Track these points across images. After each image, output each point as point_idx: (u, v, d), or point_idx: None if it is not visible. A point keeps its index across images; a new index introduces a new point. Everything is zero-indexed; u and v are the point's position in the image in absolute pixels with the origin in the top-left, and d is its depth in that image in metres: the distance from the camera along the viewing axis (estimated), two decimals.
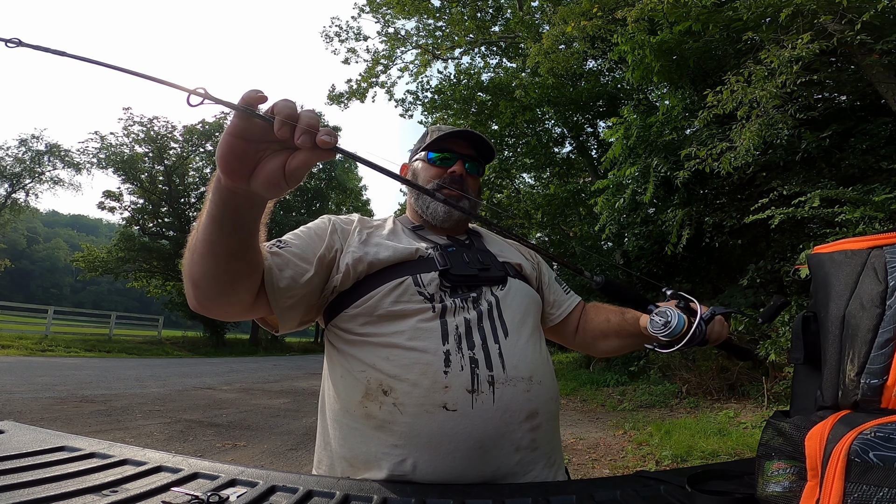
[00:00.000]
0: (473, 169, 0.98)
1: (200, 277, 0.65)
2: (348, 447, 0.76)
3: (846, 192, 3.87)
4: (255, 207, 0.60)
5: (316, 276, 0.80)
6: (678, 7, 4.91)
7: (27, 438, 0.67)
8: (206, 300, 0.68)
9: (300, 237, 0.84)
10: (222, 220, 0.59)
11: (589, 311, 1.04)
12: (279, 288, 0.74)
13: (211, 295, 0.67)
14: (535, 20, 10.26)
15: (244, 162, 0.52)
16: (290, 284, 0.76)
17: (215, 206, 0.58)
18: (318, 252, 0.82)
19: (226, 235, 0.61)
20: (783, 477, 0.48)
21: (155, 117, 19.11)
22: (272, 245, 0.79)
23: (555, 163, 12.08)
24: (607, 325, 0.96)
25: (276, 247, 0.79)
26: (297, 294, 0.77)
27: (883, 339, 0.47)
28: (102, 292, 68.32)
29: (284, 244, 0.80)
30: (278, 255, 0.77)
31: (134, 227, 19.69)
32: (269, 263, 0.74)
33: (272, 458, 3.53)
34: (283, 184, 0.53)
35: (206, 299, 0.68)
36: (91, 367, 8.92)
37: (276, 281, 0.74)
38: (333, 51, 13.62)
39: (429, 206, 0.96)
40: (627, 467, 3.55)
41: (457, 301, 0.80)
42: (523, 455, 0.73)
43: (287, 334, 0.99)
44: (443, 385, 0.72)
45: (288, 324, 0.80)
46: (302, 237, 0.84)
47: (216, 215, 0.59)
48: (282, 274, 0.75)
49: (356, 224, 0.92)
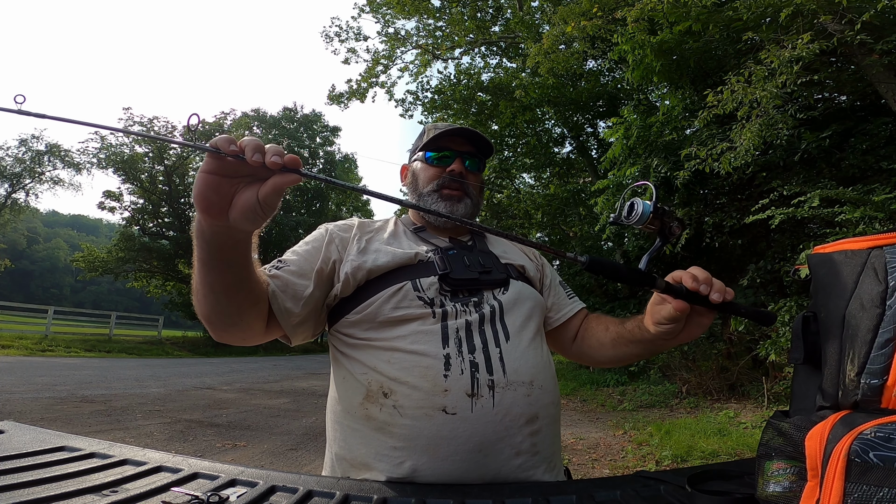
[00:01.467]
0: (473, 166, 0.98)
1: (209, 315, 0.69)
2: (349, 448, 0.76)
3: (846, 192, 3.87)
4: (239, 244, 0.63)
5: (316, 290, 0.82)
6: (678, 7, 4.91)
7: (27, 438, 0.67)
8: (222, 333, 0.73)
9: (298, 254, 0.86)
10: (210, 261, 0.62)
11: (591, 321, 0.99)
12: (284, 310, 0.78)
13: (223, 328, 0.72)
14: (535, 20, 10.27)
15: (220, 195, 0.56)
16: (294, 305, 0.78)
17: (201, 249, 0.61)
18: (316, 266, 0.83)
19: (219, 275, 0.64)
20: (783, 477, 0.48)
21: (155, 117, 19.14)
22: (271, 268, 0.81)
23: (555, 163, 12.08)
24: (605, 333, 0.92)
25: (275, 269, 0.81)
26: (303, 312, 0.80)
27: (883, 339, 0.47)
28: (102, 292, 68.34)
29: (283, 264, 0.83)
30: (278, 277, 0.79)
31: (134, 227, 19.71)
32: (272, 287, 0.77)
33: (272, 458, 3.53)
34: (259, 211, 0.56)
35: (222, 332, 0.73)
36: (91, 367, 8.92)
37: (281, 304, 0.77)
38: (333, 51, 13.66)
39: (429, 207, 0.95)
40: (627, 467, 3.55)
41: (457, 305, 0.80)
42: (524, 459, 0.73)
43: None
44: (442, 388, 0.72)
45: (300, 337, 0.83)
46: (300, 254, 0.86)
47: (204, 258, 0.62)
48: (284, 296, 0.78)
49: (355, 231, 0.92)
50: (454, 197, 0.94)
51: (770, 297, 5.53)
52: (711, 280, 0.67)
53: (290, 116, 25.11)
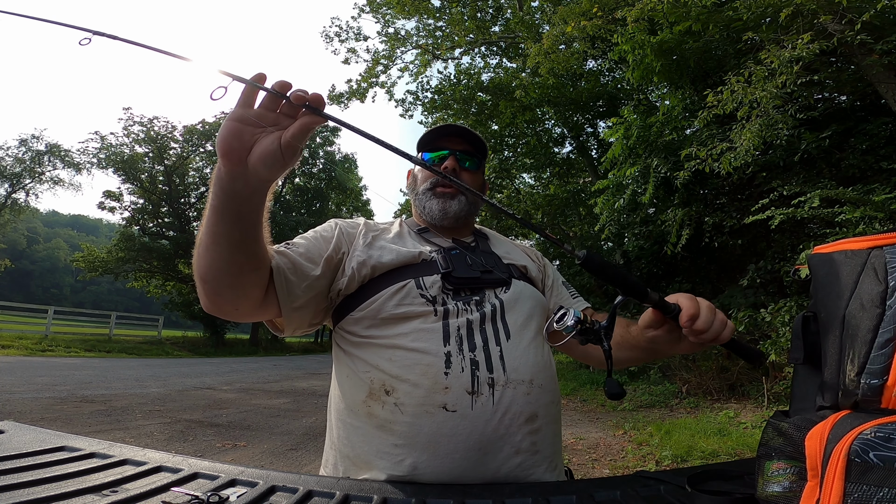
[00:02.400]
0: (470, 164, 0.98)
1: (207, 270, 0.67)
2: (351, 445, 0.77)
3: (846, 192, 3.87)
4: (255, 193, 0.62)
5: (323, 277, 0.81)
6: (678, 7, 4.91)
7: (27, 438, 0.67)
8: (215, 295, 0.69)
9: (307, 239, 0.86)
10: (223, 209, 0.62)
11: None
12: (287, 289, 0.76)
13: (219, 289, 0.69)
14: (535, 20, 10.27)
15: (241, 141, 0.57)
16: (297, 284, 0.77)
17: (216, 196, 0.61)
18: (325, 253, 0.83)
19: (228, 225, 0.63)
20: (783, 477, 0.48)
21: (155, 117, 19.18)
22: (280, 246, 0.80)
23: (555, 163, 12.07)
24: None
25: (284, 247, 0.80)
26: (306, 295, 0.79)
27: (883, 339, 0.47)
28: (102, 292, 68.35)
29: (292, 245, 0.82)
30: (285, 255, 0.78)
31: (134, 227, 19.68)
32: (277, 262, 0.75)
33: (272, 458, 3.54)
34: (280, 156, 0.57)
35: (215, 294, 0.69)
36: (91, 367, 8.92)
37: (285, 281, 0.76)
38: (333, 51, 13.63)
39: (424, 206, 0.97)
40: (627, 467, 3.55)
41: (459, 304, 0.80)
42: (524, 458, 0.73)
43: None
44: (443, 386, 0.72)
45: (294, 324, 0.81)
46: (309, 239, 0.86)
47: (217, 206, 0.62)
48: (289, 273, 0.76)
49: (362, 227, 0.93)
50: (447, 194, 0.95)
51: (770, 297, 5.53)
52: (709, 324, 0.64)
53: None
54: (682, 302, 0.65)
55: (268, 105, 0.58)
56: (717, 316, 0.65)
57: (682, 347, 0.73)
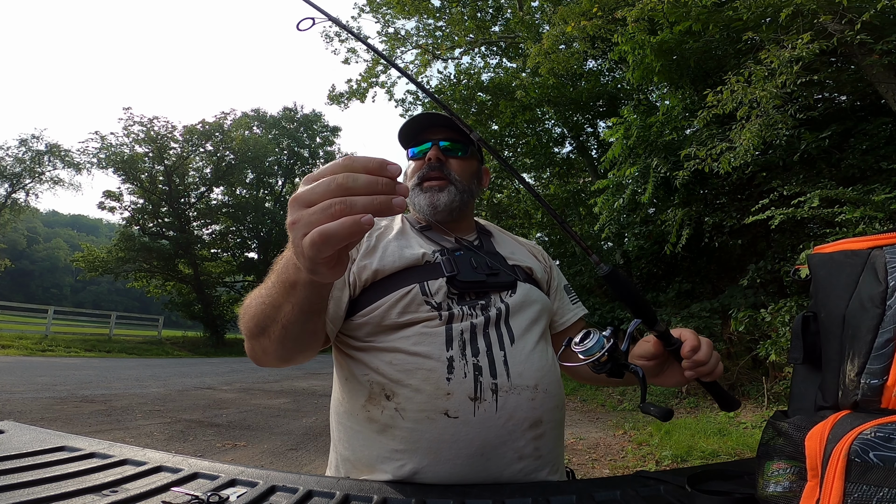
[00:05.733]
0: (455, 151, 0.93)
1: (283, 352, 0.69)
2: (352, 449, 0.76)
3: (846, 192, 3.87)
4: (325, 289, 0.64)
5: (346, 294, 0.82)
6: (678, 7, 4.91)
7: (27, 438, 0.67)
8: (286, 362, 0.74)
9: None
10: (308, 307, 0.61)
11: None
12: (335, 323, 0.80)
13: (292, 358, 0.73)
14: (535, 20, 10.26)
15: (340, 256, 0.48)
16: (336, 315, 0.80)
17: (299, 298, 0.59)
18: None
19: (307, 315, 0.64)
20: (783, 477, 0.48)
21: (155, 117, 19.13)
22: None
23: (555, 163, 12.06)
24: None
25: None
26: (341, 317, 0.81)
27: (883, 339, 0.47)
28: (102, 292, 68.30)
29: None
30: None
31: (134, 227, 19.66)
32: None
33: (272, 458, 3.53)
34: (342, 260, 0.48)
35: (286, 362, 0.74)
36: (91, 367, 8.92)
37: (331, 318, 0.79)
38: (333, 51, 13.72)
39: (415, 203, 0.93)
40: (627, 467, 3.55)
41: (464, 308, 0.78)
42: (527, 464, 0.72)
43: None
44: (445, 392, 0.71)
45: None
46: None
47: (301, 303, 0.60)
48: (331, 311, 0.79)
49: None
50: (434, 187, 0.90)
51: (770, 297, 5.53)
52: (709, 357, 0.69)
53: (290, 116, 25.10)
54: (685, 335, 0.70)
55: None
56: (714, 353, 0.71)
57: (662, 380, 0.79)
